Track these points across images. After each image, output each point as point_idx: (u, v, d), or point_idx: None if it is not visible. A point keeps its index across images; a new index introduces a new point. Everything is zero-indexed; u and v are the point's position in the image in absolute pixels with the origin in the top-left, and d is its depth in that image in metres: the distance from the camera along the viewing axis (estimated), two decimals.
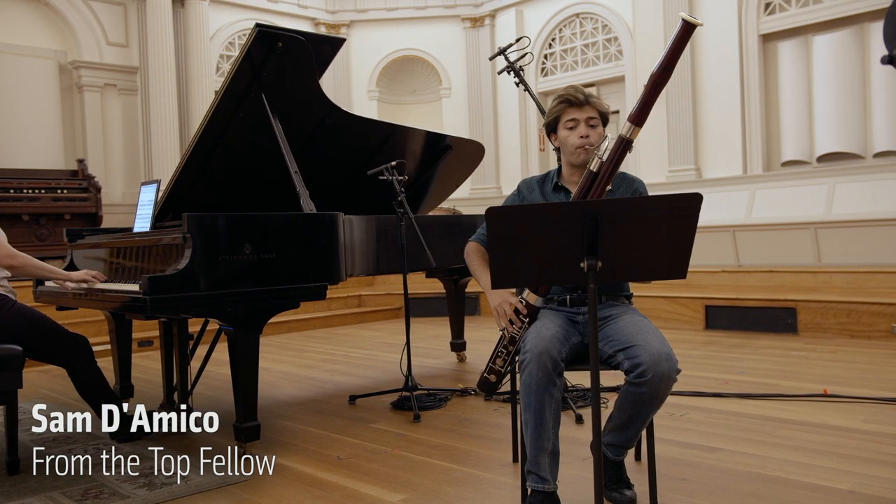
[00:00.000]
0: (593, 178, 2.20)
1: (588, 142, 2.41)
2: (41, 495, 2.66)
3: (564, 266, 1.87)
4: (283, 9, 10.38)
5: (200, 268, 2.86)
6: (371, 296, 8.43)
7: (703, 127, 8.48)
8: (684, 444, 2.99)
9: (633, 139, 2.16)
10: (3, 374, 2.90)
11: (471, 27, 10.81)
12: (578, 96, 2.43)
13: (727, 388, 3.95)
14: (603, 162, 2.19)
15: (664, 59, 2.10)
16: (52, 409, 4.14)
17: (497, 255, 1.88)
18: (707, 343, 5.57)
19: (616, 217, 1.80)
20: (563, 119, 2.45)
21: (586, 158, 2.35)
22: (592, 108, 2.44)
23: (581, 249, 1.84)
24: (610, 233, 1.81)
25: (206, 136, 3.54)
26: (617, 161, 2.19)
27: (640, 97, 2.14)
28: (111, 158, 8.92)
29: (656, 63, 2.11)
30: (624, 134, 2.16)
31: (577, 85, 2.53)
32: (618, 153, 2.18)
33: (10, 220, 7.34)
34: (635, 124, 2.15)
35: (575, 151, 2.43)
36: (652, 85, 2.12)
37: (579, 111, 2.43)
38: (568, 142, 2.44)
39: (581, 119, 2.42)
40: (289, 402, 4.15)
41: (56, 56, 8.55)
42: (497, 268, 1.90)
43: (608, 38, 9.56)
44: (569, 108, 2.44)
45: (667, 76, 2.12)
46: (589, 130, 2.42)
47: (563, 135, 2.46)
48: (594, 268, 1.84)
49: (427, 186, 5.02)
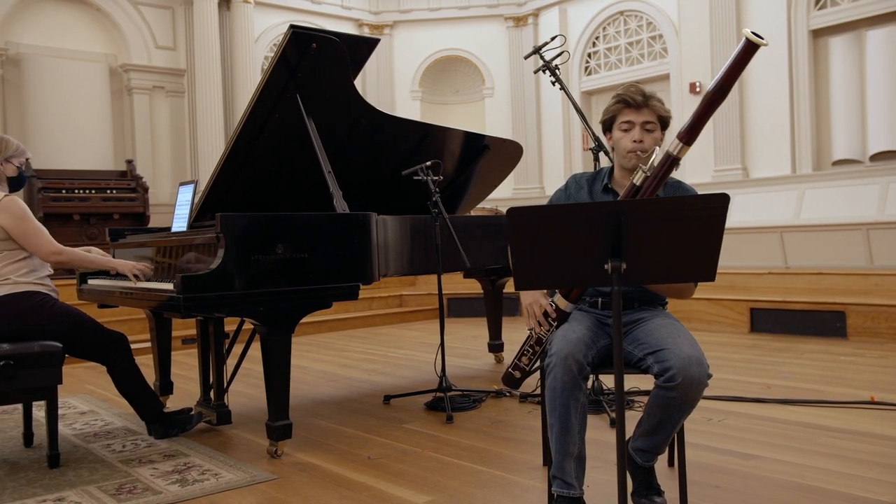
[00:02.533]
0: (635, 192, 2.13)
1: (641, 147, 2.30)
2: (78, 489, 2.72)
3: (588, 268, 1.83)
4: (327, 10, 10.45)
5: (233, 267, 2.89)
6: (412, 296, 8.45)
7: (751, 125, 8.28)
8: (720, 451, 2.91)
9: (680, 157, 2.07)
10: (44, 370, 2.97)
11: (514, 26, 10.74)
12: (637, 98, 2.32)
13: (769, 394, 3.84)
14: (647, 177, 2.12)
15: (721, 78, 1.99)
16: (94, 404, 4.26)
17: (519, 256, 1.85)
18: (751, 347, 5.44)
19: (640, 218, 1.76)
20: (619, 120, 2.35)
21: (638, 163, 2.24)
22: (651, 112, 2.32)
23: (605, 251, 1.80)
24: (634, 234, 1.77)
25: (242, 137, 3.58)
26: (661, 178, 2.10)
27: (693, 115, 2.04)
28: (159, 159, 9.11)
29: (712, 82, 2.01)
30: (672, 151, 2.06)
31: (639, 85, 2.40)
32: (663, 170, 2.09)
33: (62, 220, 7.54)
34: (685, 143, 2.04)
35: (626, 155, 2.33)
36: (706, 104, 2.02)
37: (636, 114, 2.32)
38: (620, 144, 2.35)
39: (637, 122, 2.31)
40: (324, 402, 4.18)
41: (107, 59, 8.76)
42: (519, 269, 1.88)
43: (653, 36, 9.41)
44: (625, 108, 2.33)
45: (723, 96, 2.00)
46: (644, 135, 2.31)
47: (617, 136, 2.36)
48: (618, 270, 1.80)
49: (465, 186, 5.00)
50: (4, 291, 3.14)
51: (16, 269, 3.19)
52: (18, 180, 3.35)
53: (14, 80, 8.17)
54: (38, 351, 2.96)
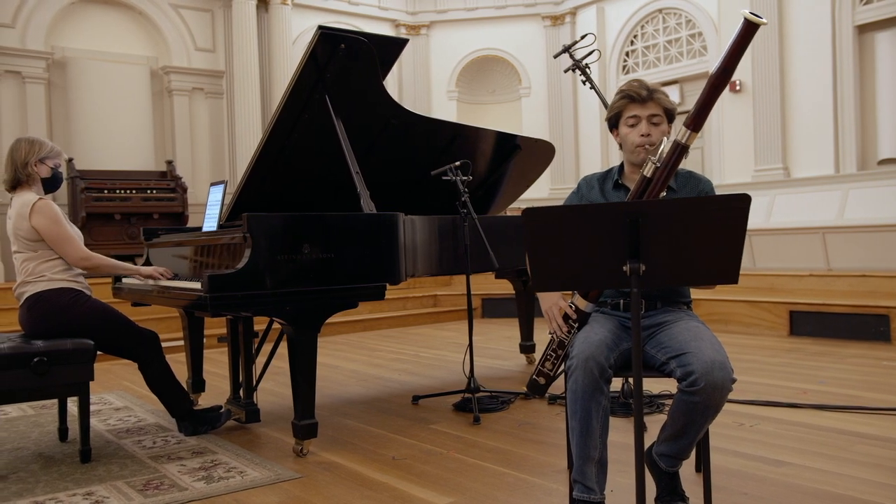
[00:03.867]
0: (647, 183, 2.11)
1: (649, 140, 2.30)
2: (107, 484, 2.77)
3: (606, 269, 1.81)
4: (364, 11, 10.51)
5: (259, 267, 2.92)
6: (447, 296, 8.44)
7: (792, 124, 8.09)
8: (750, 457, 2.85)
9: (689, 144, 2.05)
10: (76, 367, 3.02)
11: (551, 25, 10.68)
12: (641, 92, 2.32)
13: (805, 399, 3.75)
14: (657, 167, 2.09)
15: (723, 60, 1.97)
16: (129, 400, 4.33)
17: (536, 258, 1.83)
18: (789, 350, 5.31)
19: (658, 219, 1.72)
20: (625, 115, 2.35)
21: (646, 157, 2.25)
22: (656, 105, 2.32)
23: (623, 252, 1.77)
24: (652, 235, 1.73)
25: (273, 138, 3.61)
26: (672, 167, 2.08)
27: (698, 100, 2.03)
28: (198, 159, 9.25)
29: (714, 65, 2.00)
30: (679, 139, 2.05)
31: (642, 80, 2.41)
32: (672, 159, 2.07)
33: (104, 219, 7.70)
34: (692, 129, 2.03)
35: (634, 150, 2.33)
36: (710, 88, 2.00)
37: (641, 108, 2.32)
38: (628, 139, 2.35)
39: (643, 116, 2.31)
40: (353, 401, 4.19)
41: (148, 62, 8.92)
42: (536, 270, 1.85)
43: (692, 34, 9.26)
44: (630, 103, 2.33)
45: (726, 79, 1.99)
46: (651, 129, 2.31)
47: (623, 132, 2.36)
48: (637, 271, 1.76)
49: (497, 187, 4.98)
50: (40, 288, 3.22)
51: (51, 267, 3.26)
52: (53, 182, 3.41)
53: (60, 83, 8.37)
54: (70, 348, 3.02)
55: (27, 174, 3.30)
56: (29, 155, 3.31)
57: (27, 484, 2.80)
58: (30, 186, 3.32)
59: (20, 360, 2.93)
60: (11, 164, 3.31)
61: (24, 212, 3.21)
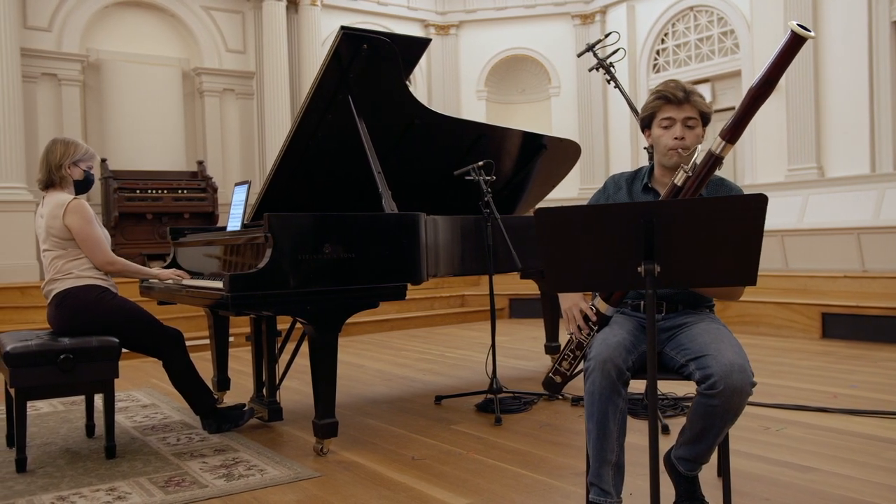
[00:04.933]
0: (677, 192, 2.07)
1: (682, 144, 2.23)
2: (129, 480, 2.80)
3: (621, 270, 1.78)
4: (393, 11, 10.53)
5: (280, 266, 2.93)
6: (474, 296, 8.42)
7: (827, 122, 7.93)
8: (775, 462, 2.79)
9: (723, 156, 2.01)
10: (101, 364, 3.07)
11: (581, 24, 10.60)
12: (678, 93, 2.24)
13: (835, 403, 3.67)
14: (689, 177, 2.06)
15: (766, 72, 1.90)
16: (157, 398, 4.39)
17: (549, 258, 1.81)
18: (821, 353, 5.21)
19: (672, 220, 1.69)
20: (659, 117, 2.28)
21: (679, 161, 2.19)
22: (692, 108, 2.25)
23: (637, 253, 1.74)
24: (667, 236, 1.71)
25: (297, 138, 3.62)
26: (704, 177, 2.04)
27: (736, 112, 1.97)
28: (228, 160, 9.35)
29: (756, 76, 1.94)
30: (714, 150, 2.00)
31: (679, 80, 2.34)
32: (705, 170, 2.03)
33: (136, 219, 7.83)
34: (728, 141, 1.98)
35: (667, 153, 2.26)
36: (750, 100, 1.94)
37: (677, 110, 2.25)
38: (661, 142, 2.28)
39: (678, 119, 2.24)
40: (376, 401, 4.20)
41: (180, 63, 9.04)
42: (550, 270, 1.84)
43: (724, 32, 9.13)
44: (665, 105, 2.26)
45: (768, 91, 1.92)
46: (685, 132, 2.24)
47: (656, 133, 2.29)
48: (652, 272, 1.74)
49: (523, 186, 4.95)
50: (67, 285, 3.27)
51: (78, 265, 3.31)
52: (85, 184, 3.48)
53: (94, 84, 8.52)
54: (95, 346, 3.06)
55: (61, 176, 3.37)
56: (63, 157, 3.37)
57: (53, 479, 2.85)
58: (62, 188, 3.39)
59: (47, 356, 2.98)
60: (46, 165, 3.38)
61: (58, 212, 3.27)
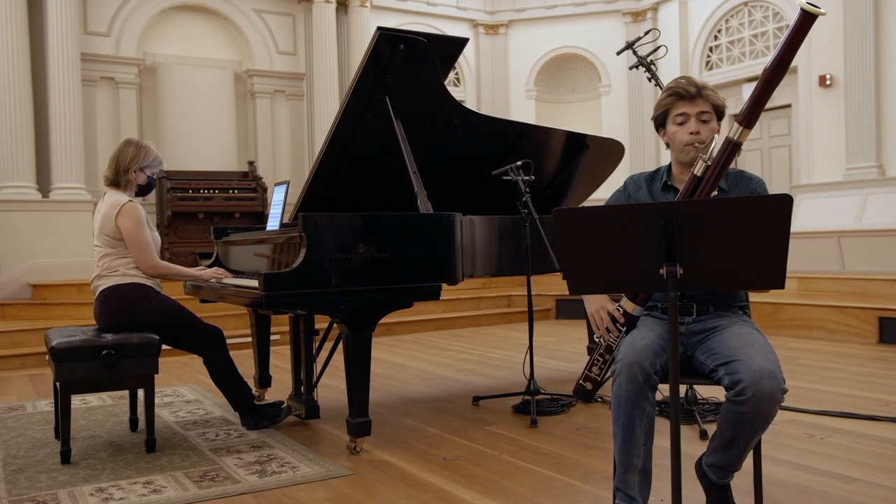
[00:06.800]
0: (697, 182, 2.03)
1: (698, 139, 2.22)
2: (166, 474, 2.86)
3: (642, 272, 1.74)
4: (443, 11, 10.55)
5: (314, 266, 2.96)
6: (522, 296, 8.36)
7: (888, 119, 7.64)
8: (816, 471, 2.70)
9: (741, 142, 1.97)
10: (142, 360, 3.15)
11: (632, 21, 10.45)
12: (690, 89, 2.24)
13: (886, 411, 3.54)
14: (708, 166, 2.02)
15: (779, 53, 1.87)
16: (201, 394, 4.48)
17: (567, 259, 1.78)
18: (876, 359, 5.03)
19: (694, 220, 1.65)
20: (672, 113, 2.27)
21: (696, 156, 2.17)
22: (705, 102, 2.24)
23: (658, 255, 1.70)
24: (689, 237, 1.66)
25: (336, 139, 3.65)
26: (724, 165, 2.00)
27: (751, 96, 1.94)
28: (279, 160, 9.50)
29: (769, 57, 1.90)
30: (732, 136, 1.96)
31: (690, 76, 2.34)
32: (724, 156, 1.99)
33: (188, 218, 8.00)
34: (745, 126, 1.94)
35: (684, 149, 2.26)
36: (764, 82, 1.90)
37: (690, 105, 2.24)
38: (676, 138, 2.27)
39: (692, 114, 2.24)
40: (415, 400, 4.21)
41: (232, 66, 9.23)
42: (569, 272, 1.81)
43: (779, 27, 8.89)
44: (678, 101, 2.26)
45: (782, 72, 1.89)
46: (700, 126, 2.23)
47: (671, 130, 2.28)
48: (674, 275, 1.70)
49: (566, 186, 4.90)
50: (113, 282, 3.37)
51: (125, 263, 3.41)
52: (147, 188, 3.58)
53: (150, 87, 8.75)
54: (136, 342, 3.14)
55: (126, 179, 3.48)
56: (133, 161, 3.47)
57: (94, 471, 2.93)
58: (125, 189, 3.49)
59: (90, 352, 3.07)
60: (115, 165, 3.49)
61: (112, 212, 3.37)
